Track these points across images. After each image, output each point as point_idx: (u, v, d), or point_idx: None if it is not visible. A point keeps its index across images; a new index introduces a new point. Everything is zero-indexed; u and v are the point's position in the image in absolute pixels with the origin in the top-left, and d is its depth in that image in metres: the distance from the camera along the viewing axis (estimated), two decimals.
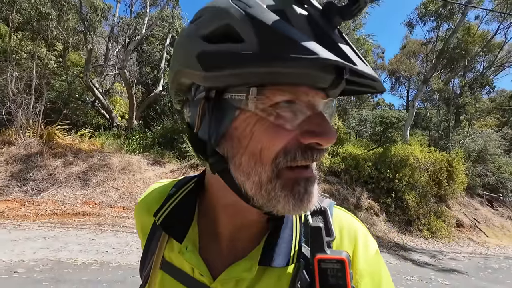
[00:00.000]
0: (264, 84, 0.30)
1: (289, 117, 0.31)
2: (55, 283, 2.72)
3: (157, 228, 0.45)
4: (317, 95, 0.32)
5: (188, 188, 0.46)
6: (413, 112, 10.86)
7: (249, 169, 0.33)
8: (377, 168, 7.78)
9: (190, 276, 0.40)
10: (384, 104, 23.54)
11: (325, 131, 0.31)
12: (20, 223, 4.59)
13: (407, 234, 6.92)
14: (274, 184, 0.32)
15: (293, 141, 0.31)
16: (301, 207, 0.32)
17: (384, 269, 0.41)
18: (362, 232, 0.43)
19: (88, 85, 9.10)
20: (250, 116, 0.32)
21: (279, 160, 0.32)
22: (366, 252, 0.41)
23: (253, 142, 0.32)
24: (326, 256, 0.35)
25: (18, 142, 6.39)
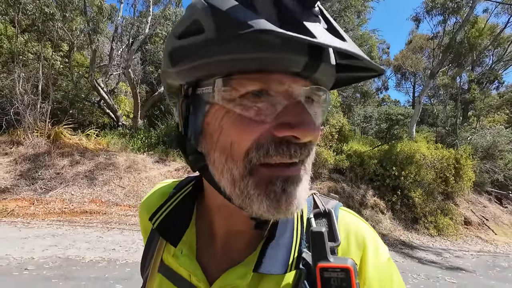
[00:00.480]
0: (232, 73, 0.28)
1: (261, 108, 0.28)
2: (64, 280, 2.78)
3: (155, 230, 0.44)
4: (295, 83, 0.29)
5: (187, 190, 0.45)
6: (420, 108, 10.69)
7: (222, 165, 0.31)
8: (383, 165, 7.70)
9: (187, 281, 0.39)
10: (389, 100, 23.22)
11: (301, 122, 0.28)
12: (29, 221, 4.69)
13: (413, 232, 6.84)
14: (246, 181, 0.29)
15: (266, 134, 0.28)
16: (278, 209, 0.29)
17: (397, 278, 0.38)
18: (371, 237, 0.40)
19: (93, 85, 9.20)
20: (218, 109, 0.30)
21: (251, 156, 0.29)
22: (377, 259, 0.38)
23: (222, 136, 0.30)
24: (329, 265, 0.33)
25: (26, 142, 6.52)
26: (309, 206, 0.42)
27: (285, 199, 0.29)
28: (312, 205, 0.42)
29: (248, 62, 0.27)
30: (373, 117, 14.05)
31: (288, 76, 0.28)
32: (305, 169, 0.31)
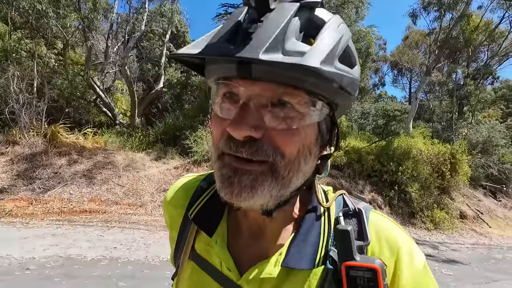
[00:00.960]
0: (216, 80, 0.34)
1: (225, 107, 0.34)
2: (67, 279, 2.79)
3: (188, 221, 0.46)
4: (247, 86, 0.31)
5: None
6: (416, 104, 10.78)
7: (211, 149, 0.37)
8: (380, 161, 7.78)
9: (218, 270, 0.41)
10: (386, 96, 23.33)
11: (234, 121, 0.31)
12: (28, 221, 4.67)
13: (410, 226, 6.96)
14: (216, 164, 0.35)
15: (225, 130, 0.33)
16: (224, 192, 0.33)
17: (434, 285, 0.38)
18: (406, 242, 0.39)
19: (89, 83, 9.09)
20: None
21: (220, 144, 0.34)
22: (412, 265, 0.37)
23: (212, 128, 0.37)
24: (356, 263, 0.33)
25: (22, 141, 6.44)
26: (339, 205, 0.43)
27: (228, 184, 0.33)
28: (342, 205, 0.43)
29: (214, 72, 0.34)
30: (370, 113, 14.13)
31: (243, 81, 0.31)
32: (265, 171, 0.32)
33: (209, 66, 0.35)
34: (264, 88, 0.31)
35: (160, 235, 4.51)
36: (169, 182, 6.48)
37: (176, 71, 12.14)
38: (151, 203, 5.88)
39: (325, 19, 0.34)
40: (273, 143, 0.32)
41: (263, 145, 0.32)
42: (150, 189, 6.25)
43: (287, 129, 0.32)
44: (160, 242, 4.16)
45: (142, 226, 4.93)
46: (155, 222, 5.17)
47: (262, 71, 0.29)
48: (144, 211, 5.66)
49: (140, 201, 5.87)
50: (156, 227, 4.91)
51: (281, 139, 0.32)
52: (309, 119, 0.33)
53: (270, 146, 0.32)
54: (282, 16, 0.30)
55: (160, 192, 6.19)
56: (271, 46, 0.28)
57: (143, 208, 5.73)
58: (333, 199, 0.43)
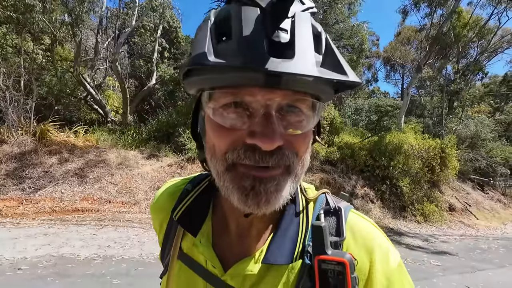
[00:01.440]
0: (215, 88, 0.33)
1: (233, 117, 0.33)
2: (60, 278, 2.77)
3: (173, 223, 0.48)
4: (268, 94, 0.31)
5: (204, 185, 0.49)
6: (408, 99, 10.94)
7: (211, 161, 0.36)
8: (372, 156, 7.90)
9: (204, 268, 0.43)
10: (379, 92, 23.61)
11: (264, 133, 0.31)
12: (19, 221, 4.59)
13: (401, 219, 7.13)
14: (226, 176, 0.34)
15: (238, 140, 0.33)
16: (246, 203, 0.33)
17: (409, 285, 0.38)
18: (381, 242, 0.40)
19: (79, 80, 8.89)
20: (207, 116, 0.36)
21: (228, 156, 0.33)
22: (386, 264, 0.38)
23: (208, 139, 0.36)
24: (327, 257, 0.35)
25: (10, 140, 6.28)
26: (321, 203, 0.45)
27: (252, 196, 0.32)
28: (324, 203, 0.45)
29: (223, 80, 0.32)
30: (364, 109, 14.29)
31: (260, 89, 0.31)
32: (284, 173, 0.34)
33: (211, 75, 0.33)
34: (283, 95, 0.32)
35: (154, 232, 4.50)
36: (163, 180, 6.45)
37: (168, 67, 11.98)
38: (145, 201, 5.86)
39: (318, 28, 0.35)
40: (292, 148, 0.34)
41: (286, 151, 0.33)
42: (144, 187, 6.21)
43: (302, 133, 0.34)
44: (154, 239, 4.16)
45: (136, 224, 4.92)
46: (150, 220, 5.14)
47: (291, 81, 0.30)
48: (138, 209, 5.63)
49: (134, 199, 5.84)
50: (150, 225, 4.90)
51: (297, 143, 0.34)
52: (314, 120, 0.35)
53: (289, 151, 0.33)
54: (305, 27, 0.31)
55: (154, 190, 6.16)
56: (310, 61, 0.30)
57: (137, 206, 5.71)
58: (316, 196, 0.45)
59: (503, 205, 9.63)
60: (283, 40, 0.30)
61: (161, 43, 11.95)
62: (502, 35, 14.62)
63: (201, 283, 0.43)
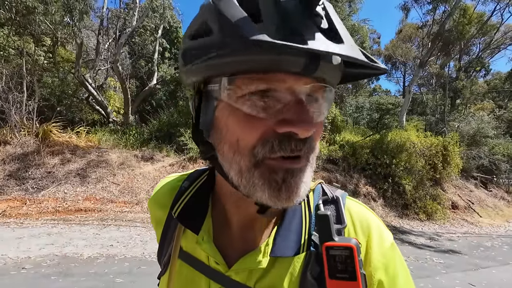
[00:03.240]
0: (236, 73, 0.30)
1: (263, 106, 0.30)
2: (64, 277, 2.80)
3: (171, 220, 0.47)
4: (297, 81, 0.30)
5: (201, 181, 0.48)
6: (409, 97, 10.88)
7: (230, 158, 0.33)
8: (374, 154, 7.88)
9: (206, 265, 0.42)
10: (380, 90, 23.51)
11: (300, 119, 0.30)
12: (23, 221, 4.63)
13: (404, 217, 7.11)
14: (252, 172, 0.32)
15: (269, 131, 0.31)
16: (278, 197, 0.32)
17: (401, 262, 0.41)
18: (376, 224, 0.43)
19: (80, 81, 8.93)
20: (225, 106, 0.33)
21: (257, 150, 0.31)
22: (381, 244, 0.41)
23: (229, 133, 0.33)
24: (334, 244, 0.36)
25: (13, 141, 6.33)
26: (318, 193, 0.45)
27: (284, 189, 0.31)
28: (321, 193, 0.45)
29: (251, 64, 0.29)
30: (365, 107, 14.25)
31: (290, 75, 0.29)
32: (308, 163, 0.33)
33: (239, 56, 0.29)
34: (309, 82, 0.31)
35: None
36: None
37: (169, 68, 12.00)
38: (147, 200, 5.88)
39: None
40: (315, 136, 0.33)
41: (313, 139, 0.33)
42: (146, 187, 6.24)
43: (321, 122, 0.34)
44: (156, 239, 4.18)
45: (139, 223, 4.94)
46: None
47: (326, 68, 0.29)
48: (140, 208, 5.66)
49: (136, 199, 5.86)
50: None
51: (318, 132, 0.34)
52: (327, 109, 0.35)
53: (314, 140, 0.33)
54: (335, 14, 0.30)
55: None
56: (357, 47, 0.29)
57: (139, 205, 5.73)
58: (314, 186, 0.45)
59: (506, 202, 9.56)
60: (324, 26, 0.28)
61: (162, 43, 11.96)
62: (505, 31, 14.49)
63: (203, 281, 0.42)
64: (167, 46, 12.43)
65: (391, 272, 0.39)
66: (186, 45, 0.35)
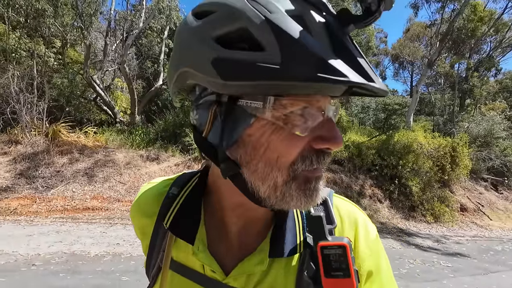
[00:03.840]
0: (282, 94, 0.30)
1: (302, 124, 0.32)
2: (72, 274, 2.86)
3: (159, 229, 0.45)
4: (326, 100, 0.33)
5: (191, 187, 0.46)
6: (417, 97, 10.70)
7: (265, 174, 0.33)
8: (381, 155, 7.78)
9: (201, 274, 0.41)
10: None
11: (334, 137, 0.33)
12: (33, 219, 4.75)
13: (410, 219, 6.99)
14: (289, 185, 0.34)
15: (307, 147, 0.33)
16: (311, 202, 0.35)
17: (383, 252, 0.45)
18: (362, 218, 0.46)
19: (89, 82, 9.10)
20: (266, 124, 0.32)
21: (297, 166, 0.33)
22: (367, 236, 0.44)
23: (269, 150, 0.33)
24: (328, 243, 0.38)
25: (24, 140, 6.51)
26: None
27: (315, 194, 0.35)
28: None
29: (303, 89, 0.28)
30: (371, 108, 14.08)
31: (323, 96, 0.33)
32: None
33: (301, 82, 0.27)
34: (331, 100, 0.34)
35: None
36: None
37: None
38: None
39: None
40: None
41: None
42: None
43: None
44: None
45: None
46: None
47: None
48: None
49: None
50: None
51: None
52: None
53: None
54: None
55: None
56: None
57: None
58: None
59: None
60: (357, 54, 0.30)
61: (168, 44, 12.09)
62: None
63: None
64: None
65: (377, 261, 0.43)
66: (218, 52, 0.30)
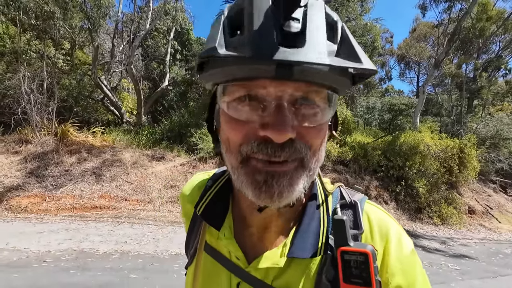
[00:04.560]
0: (228, 81, 0.33)
1: (246, 110, 0.33)
2: (81, 271, 2.92)
3: (197, 216, 0.51)
4: (278, 86, 0.31)
5: (223, 181, 0.51)
6: (424, 98, 10.56)
7: (225, 155, 0.37)
8: (386, 156, 7.71)
9: (228, 259, 0.45)
10: (393, 90, 22.94)
11: (275, 124, 0.30)
12: (42, 216, 4.86)
13: (417, 221, 6.91)
14: (240, 170, 0.35)
15: (252, 133, 0.33)
16: (259, 196, 0.33)
17: (420, 270, 0.41)
18: (395, 229, 0.42)
19: (96, 83, 9.25)
20: (221, 110, 0.36)
21: (243, 148, 0.34)
22: (400, 250, 0.40)
23: (222, 132, 0.37)
24: (349, 249, 0.37)
25: (34, 140, 6.65)
26: (336, 197, 0.46)
27: (265, 190, 0.33)
28: (339, 197, 0.46)
29: (234, 73, 0.32)
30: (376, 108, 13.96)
31: (271, 81, 0.31)
32: (298, 167, 0.34)
33: (223, 67, 0.32)
34: (296, 87, 0.31)
35: (168, 230, 4.63)
36: (175, 179, 6.60)
37: (180, 69, 12.23)
38: (159, 199, 6.02)
39: (334, 16, 0.34)
40: (304, 140, 0.34)
41: (298, 144, 0.33)
42: (158, 186, 6.38)
43: (316, 126, 0.34)
44: (168, 237, 4.28)
45: (151, 221, 5.07)
46: (163, 218, 5.30)
47: (303, 72, 0.29)
48: (152, 207, 5.80)
49: (148, 198, 6.01)
50: (164, 223, 5.03)
51: (311, 136, 0.34)
52: (330, 113, 0.35)
53: (302, 144, 0.33)
54: (318, 15, 0.31)
55: (167, 189, 6.32)
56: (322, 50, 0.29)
57: (151, 204, 5.88)
58: (333, 190, 0.46)
59: None
60: (294, 30, 0.30)
61: (174, 46, 12.21)
62: None
63: (224, 274, 0.44)
64: (179, 48, 12.67)
65: (410, 279, 0.39)
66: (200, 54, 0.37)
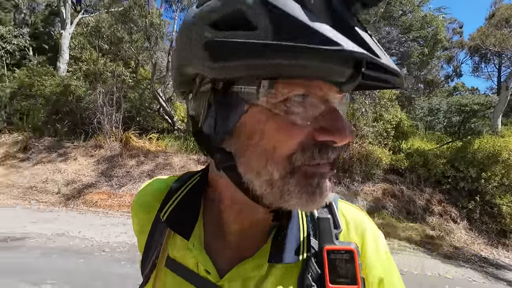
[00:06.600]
0: (276, 77, 0.28)
1: (301, 112, 0.29)
2: (131, 263, 3.24)
3: (158, 224, 0.44)
4: (331, 90, 0.30)
5: (192, 183, 0.45)
6: (507, 95, 8.66)
7: (260, 167, 0.31)
8: (454, 165, 6.52)
9: (195, 273, 0.39)
10: (464, 88, 19.54)
11: (340, 128, 0.29)
12: (107, 211, 5.64)
13: (500, 247, 5.56)
14: (287, 181, 0.30)
15: (309, 138, 0.30)
16: (314, 202, 0.31)
17: (395, 268, 0.42)
18: (369, 226, 0.43)
19: (154, 95, 10.51)
20: (260, 111, 0.30)
21: (295, 158, 0.30)
22: (376, 247, 0.41)
23: (264, 140, 0.30)
24: (335, 247, 0.36)
25: (105, 145, 7.88)
26: None
27: (319, 193, 0.31)
28: None
29: (298, 68, 0.26)
30: (441, 110, 12.07)
31: (326, 83, 0.29)
32: (333, 166, 0.33)
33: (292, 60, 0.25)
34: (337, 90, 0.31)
35: None
36: None
37: None
38: None
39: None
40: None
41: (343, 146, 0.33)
42: None
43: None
44: None
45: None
46: None
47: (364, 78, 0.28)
48: None
49: None
50: None
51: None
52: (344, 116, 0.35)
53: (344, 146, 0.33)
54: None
55: None
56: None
57: None
58: None
59: None
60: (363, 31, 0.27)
61: None
62: None
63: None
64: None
65: (388, 271, 0.40)
66: (210, 35, 0.29)
